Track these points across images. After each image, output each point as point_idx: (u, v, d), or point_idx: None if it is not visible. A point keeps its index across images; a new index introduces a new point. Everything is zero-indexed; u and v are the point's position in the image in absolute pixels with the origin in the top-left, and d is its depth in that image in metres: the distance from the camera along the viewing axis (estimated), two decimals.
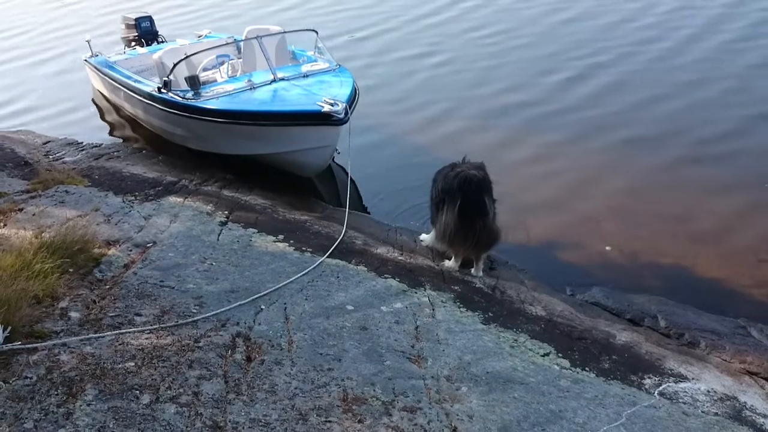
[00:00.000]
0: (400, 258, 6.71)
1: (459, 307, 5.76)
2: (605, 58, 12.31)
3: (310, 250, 6.58)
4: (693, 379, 5.10)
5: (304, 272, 5.98)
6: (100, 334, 4.72)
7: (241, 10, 18.35)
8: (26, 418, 3.84)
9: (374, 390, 4.45)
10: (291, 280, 5.82)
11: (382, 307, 5.55)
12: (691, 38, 12.75)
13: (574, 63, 12.24)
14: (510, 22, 14.79)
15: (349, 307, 5.49)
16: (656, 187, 8.40)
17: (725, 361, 5.49)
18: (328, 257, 6.38)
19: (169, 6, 19.21)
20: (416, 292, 5.90)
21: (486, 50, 13.35)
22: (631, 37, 13.20)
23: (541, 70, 12.22)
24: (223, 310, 5.22)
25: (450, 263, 6.61)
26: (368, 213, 8.49)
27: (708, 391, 4.94)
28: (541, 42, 13.50)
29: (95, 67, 11.65)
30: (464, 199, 6.12)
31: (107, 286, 5.45)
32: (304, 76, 9.21)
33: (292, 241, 6.74)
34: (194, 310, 5.20)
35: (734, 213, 7.77)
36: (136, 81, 10.28)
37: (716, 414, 4.68)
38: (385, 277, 6.12)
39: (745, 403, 4.86)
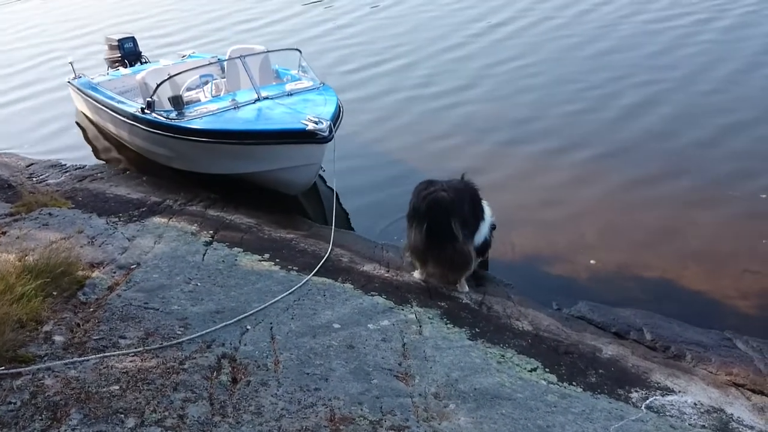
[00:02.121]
0: (386, 275, 6.71)
1: (446, 324, 5.75)
2: (599, 92, 11.80)
3: (296, 268, 6.56)
4: (680, 391, 5.11)
5: (290, 291, 5.96)
6: (85, 358, 4.68)
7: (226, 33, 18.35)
8: None
9: (362, 409, 4.43)
10: (277, 299, 5.80)
11: (368, 325, 5.54)
12: (702, 69, 12.25)
13: (567, 90, 12.02)
14: (513, 50, 14.40)
15: (336, 326, 5.47)
16: (640, 201, 8.43)
17: (711, 373, 5.50)
18: (314, 275, 6.38)
19: (152, 27, 19.24)
20: (403, 309, 5.89)
21: (486, 81, 13.00)
22: (641, 65, 12.78)
23: (530, 90, 12.24)
24: (208, 331, 5.18)
25: (416, 274, 6.60)
26: (354, 230, 8.47)
27: (695, 404, 4.96)
28: (551, 71, 13.16)
29: (78, 89, 11.61)
30: (431, 221, 6.10)
31: (91, 309, 5.41)
32: (288, 95, 9.22)
33: (278, 260, 6.72)
34: (179, 332, 5.17)
35: (718, 224, 7.82)
36: (119, 102, 10.25)
37: (703, 426, 4.69)
38: (372, 295, 6.12)
39: (732, 414, 4.88)
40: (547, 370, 5.22)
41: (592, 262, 7.39)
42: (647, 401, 4.94)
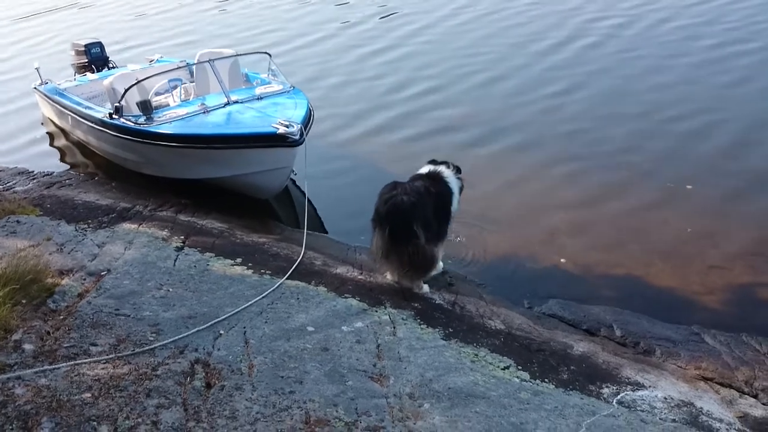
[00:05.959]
0: (360, 277, 6.72)
1: (420, 324, 5.78)
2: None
3: (269, 272, 6.55)
4: (650, 386, 5.19)
5: (263, 295, 5.95)
6: (55, 366, 4.63)
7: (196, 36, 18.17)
8: None
9: (337, 411, 4.44)
10: (250, 303, 5.78)
11: (343, 327, 5.54)
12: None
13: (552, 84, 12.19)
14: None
15: (310, 329, 5.47)
16: (608, 199, 8.56)
17: (680, 367, 5.60)
18: (287, 279, 6.36)
19: (119, 31, 19.05)
20: (377, 311, 5.91)
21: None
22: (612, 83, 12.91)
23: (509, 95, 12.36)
24: (180, 336, 5.15)
25: (388, 275, 6.62)
26: (327, 233, 8.46)
27: (665, 398, 5.04)
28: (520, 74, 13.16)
29: (45, 95, 11.48)
30: (393, 225, 6.08)
31: (61, 317, 5.35)
32: (258, 99, 9.19)
33: (250, 264, 6.70)
34: (151, 338, 5.13)
35: (683, 221, 7.96)
36: (87, 107, 10.15)
37: (674, 420, 4.77)
38: (346, 297, 6.12)
39: (701, 408, 4.96)
40: (519, 367, 5.27)
41: (562, 260, 7.48)
42: (618, 396, 5.01)
